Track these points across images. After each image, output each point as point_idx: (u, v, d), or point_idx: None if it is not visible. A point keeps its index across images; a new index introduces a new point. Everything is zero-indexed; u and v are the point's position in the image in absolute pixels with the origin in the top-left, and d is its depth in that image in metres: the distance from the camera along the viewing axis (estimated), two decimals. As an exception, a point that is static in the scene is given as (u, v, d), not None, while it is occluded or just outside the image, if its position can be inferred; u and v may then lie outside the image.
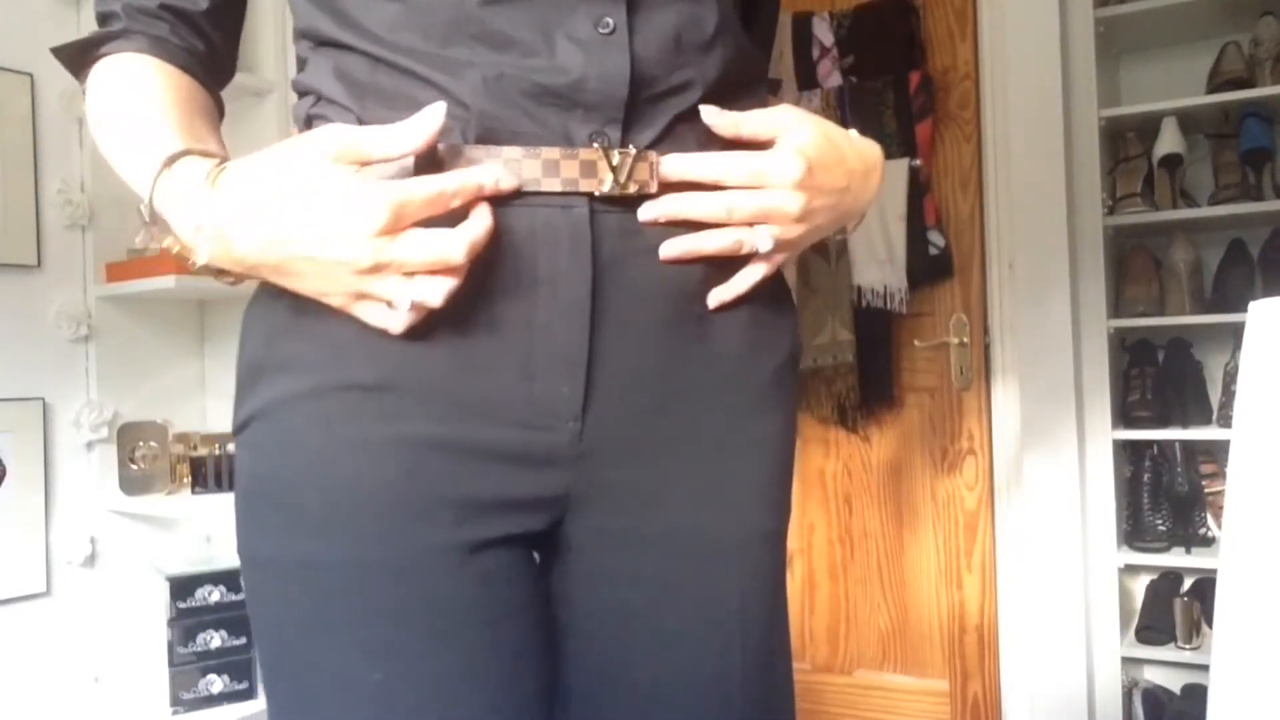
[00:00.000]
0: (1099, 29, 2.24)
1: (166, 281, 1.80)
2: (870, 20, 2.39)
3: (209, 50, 0.71)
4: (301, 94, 0.69)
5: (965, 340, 2.32)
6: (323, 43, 0.67)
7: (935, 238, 2.32)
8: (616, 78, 0.63)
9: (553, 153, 0.62)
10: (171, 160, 0.60)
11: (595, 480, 0.67)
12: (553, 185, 0.62)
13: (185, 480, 1.91)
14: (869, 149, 0.75)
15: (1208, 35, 2.30)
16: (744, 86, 0.71)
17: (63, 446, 1.85)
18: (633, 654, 0.69)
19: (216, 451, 1.89)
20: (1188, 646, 2.15)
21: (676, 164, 0.66)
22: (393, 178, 0.59)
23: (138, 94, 0.66)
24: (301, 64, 0.70)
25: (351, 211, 0.55)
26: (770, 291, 0.73)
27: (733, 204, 0.66)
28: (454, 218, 0.59)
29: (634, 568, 0.68)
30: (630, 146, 0.63)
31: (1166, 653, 2.19)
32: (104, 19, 0.69)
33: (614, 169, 0.63)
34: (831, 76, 2.42)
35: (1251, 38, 2.23)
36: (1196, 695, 2.14)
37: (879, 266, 2.32)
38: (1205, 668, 1.89)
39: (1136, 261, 2.32)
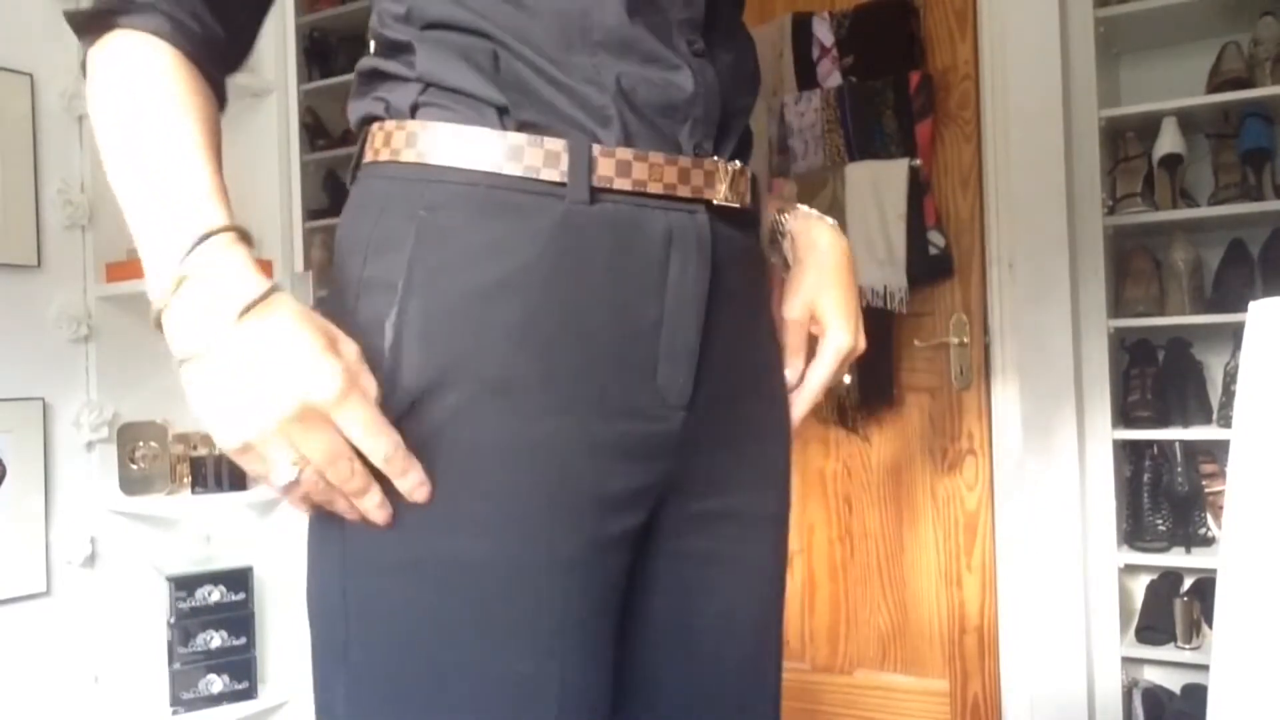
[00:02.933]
0: (1099, 29, 2.24)
1: (166, 281, 1.80)
2: (870, 20, 2.39)
3: (229, 38, 0.67)
4: (395, 80, 0.68)
5: (965, 340, 2.32)
6: (434, 24, 0.66)
7: (935, 238, 2.32)
8: (714, 96, 0.70)
9: (685, 161, 0.68)
10: (205, 236, 0.58)
11: (687, 466, 0.72)
12: (685, 191, 0.68)
13: (185, 480, 1.91)
14: (845, 245, 0.87)
15: (1208, 35, 2.30)
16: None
17: (63, 446, 1.85)
18: (698, 619, 0.75)
19: (216, 451, 1.89)
20: (1188, 646, 2.15)
21: (800, 412, 0.83)
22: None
23: (161, 108, 0.61)
24: (392, 50, 0.68)
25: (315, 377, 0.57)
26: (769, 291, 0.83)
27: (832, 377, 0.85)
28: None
29: (704, 547, 0.75)
30: (728, 160, 0.71)
31: (1166, 653, 2.19)
32: None
33: (728, 180, 0.70)
34: (831, 76, 2.42)
35: (1251, 38, 2.23)
36: (1196, 695, 2.14)
37: (879, 266, 2.32)
38: (1205, 668, 1.89)
39: (1136, 261, 2.32)
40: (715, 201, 0.70)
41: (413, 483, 0.61)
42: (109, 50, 0.63)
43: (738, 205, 0.71)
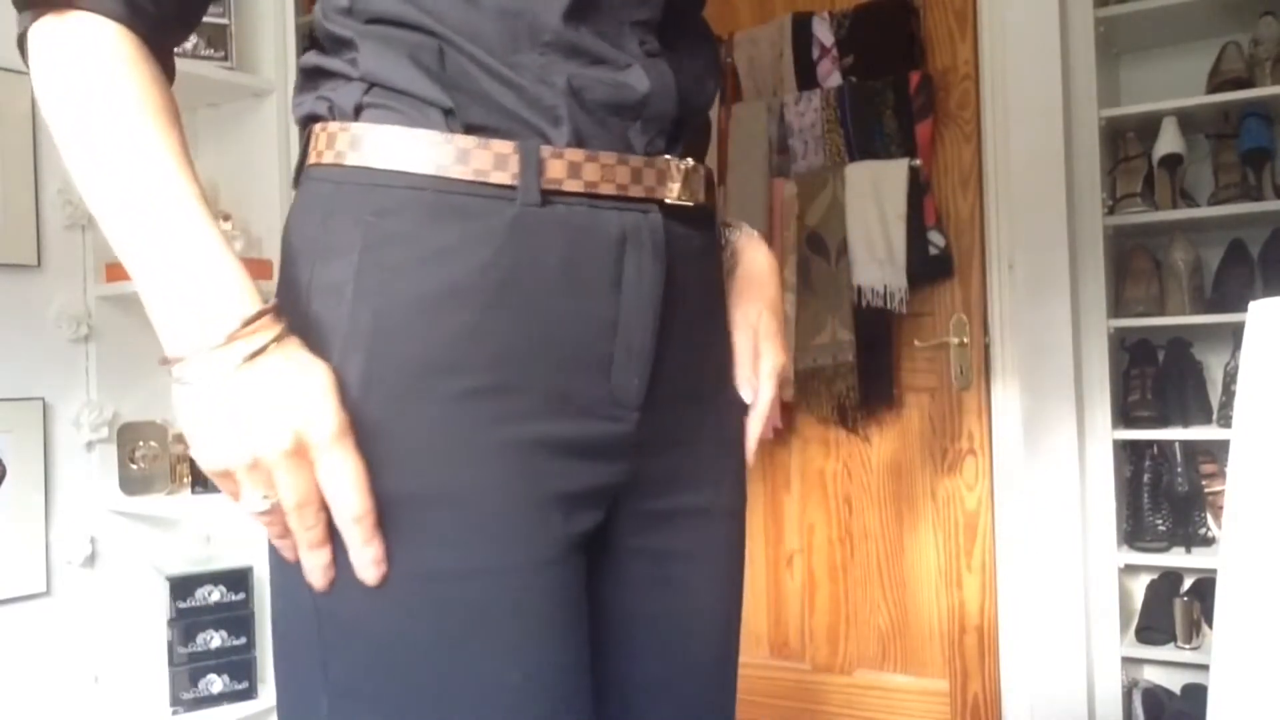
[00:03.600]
0: (1099, 29, 2.24)
1: (166, 281, 1.80)
2: (870, 20, 2.39)
3: (179, 11, 0.65)
4: (338, 78, 0.67)
5: (965, 340, 2.32)
6: (378, 19, 0.64)
7: (935, 238, 2.32)
8: (670, 95, 0.69)
9: (637, 160, 0.67)
10: (242, 326, 0.57)
11: (643, 467, 0.72)
12: (638, 191, 0.68)
13: (185, 480, 1.91)
14: (776, 266, 0.88)
15: (1208, 35, 2.30)
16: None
17: (63, 446, 1.84)
18: (661, 613, 0.76)
19: (216, 451, 1.89)
20: (1188, 646, 2.15)
21: (758, 432, 0.82)
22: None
23: (129, 91, 0.60)
24: (335, 46, 0.67)
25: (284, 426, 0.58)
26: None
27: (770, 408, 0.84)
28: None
29: (663, 544, 0.76)
30: (682, 160, 0.70)
31: (1166, 653, 2.19)
32: None
33: (682, 179, 0.70)
34: (831, 76, 2.42)
35: (1251, 38, 2.23)
36: (1196, 695, 2.14)
37: (879, 266, 2.32)
38: (1205, 668, 1.88)
39: (1136, 261, 2.32)
40: (668, 200, 0.69)
41: (369, 558, 0.60)
42: (60, 32, 0.60)
43: (691, 204, 0.71)
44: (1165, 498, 2.25)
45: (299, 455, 0.58)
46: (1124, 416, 2.30)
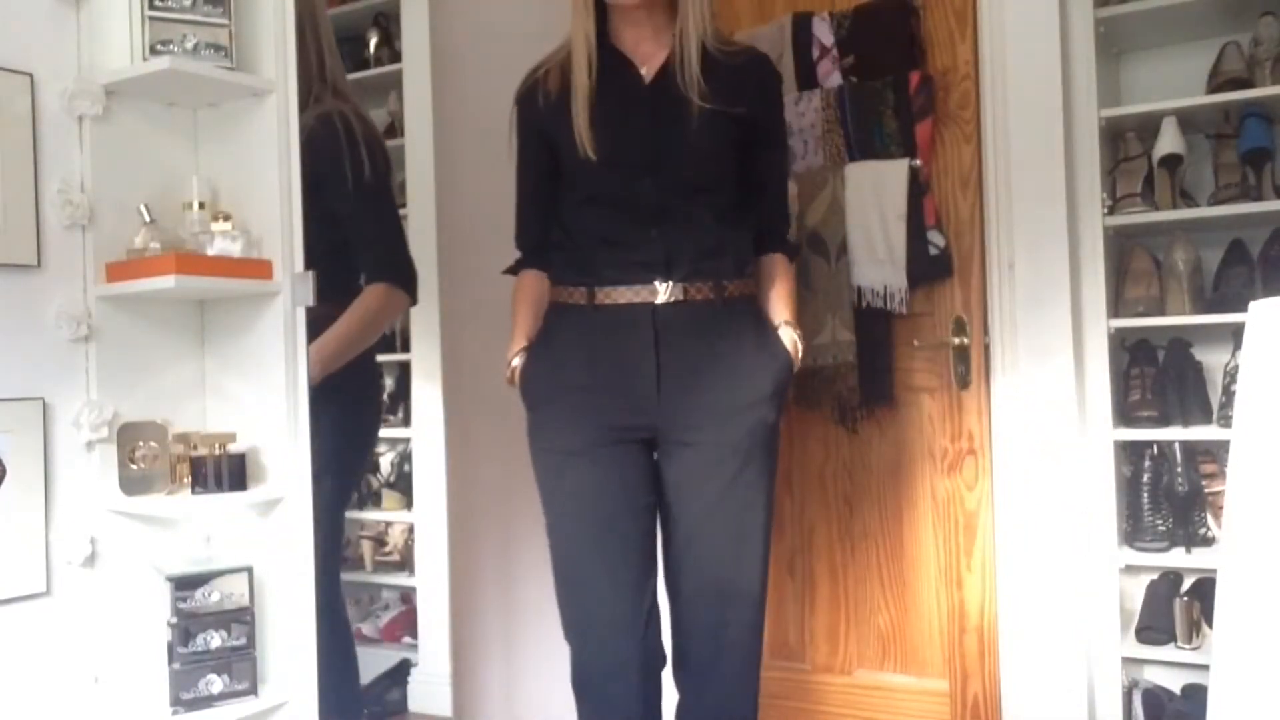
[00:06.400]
0: (1099, 29, 2.24)
1: (166, 281, 1.79)
2: (870, 20, 2.39)
3: (542, 263, 1.79)
4: (554, 267, 1.76)
5: (965, 340, 2.32)
6: (554, 245, 1.74)
7: (935, 238, 2.32)
8: (660, 258, 1.63)
9: (639, 288, 1.63)
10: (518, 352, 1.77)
11: (666, 422, 1.66)
12: (637, 299, 1.63)
13: (185, 480, 1.90)
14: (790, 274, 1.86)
15: (1208, 35, 2.31)
16: (726, 249, 1.68)
17: (63, 446, 1.84)
18: (686, 492, 1.68)
19: (216, 451, 1.89)
20: (1188, 646, 2.15)
21: None
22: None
23: (523, 294, 1.79)
24: (553, 248, 1.77)
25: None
26: (754, 332, 1.71)
27: None
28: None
29: (686, 458, 1.67)
30: (670, 281, 1.63)
31: (1166, 653, 2.19)
32: (521, 254, 1.83)
33: (667, 292, 1.62)
34: (831, 76, 2.42)
35: (1251, 38, 2.23)
36: (1196, 695, 2.15)
37: (879, 266, 2.32)
38: (1205, 668, 1.89)
39: (1136, 261, 2.32)
40: (655, 302, 1.62)
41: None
42: (520, 275, 1.82)
43: (673, 300, 1.62)
44: (1165, 498, 2.25)
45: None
46: (1124, 416, 2.30)
